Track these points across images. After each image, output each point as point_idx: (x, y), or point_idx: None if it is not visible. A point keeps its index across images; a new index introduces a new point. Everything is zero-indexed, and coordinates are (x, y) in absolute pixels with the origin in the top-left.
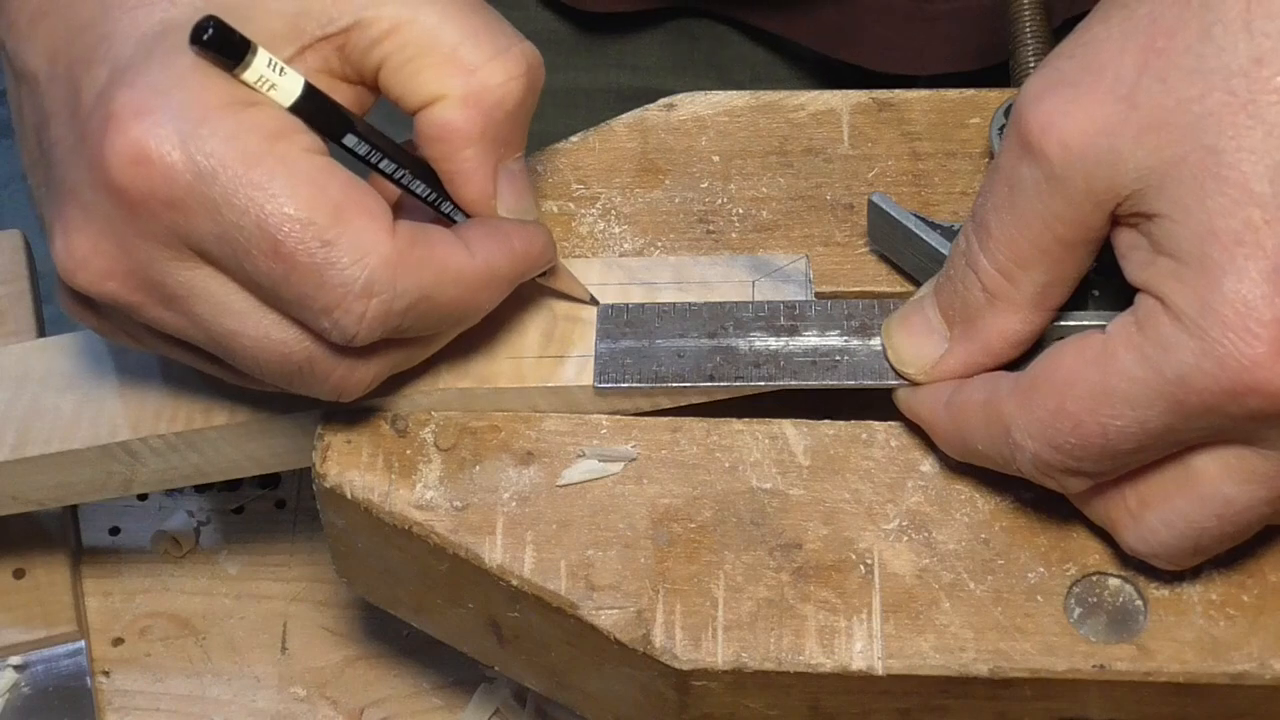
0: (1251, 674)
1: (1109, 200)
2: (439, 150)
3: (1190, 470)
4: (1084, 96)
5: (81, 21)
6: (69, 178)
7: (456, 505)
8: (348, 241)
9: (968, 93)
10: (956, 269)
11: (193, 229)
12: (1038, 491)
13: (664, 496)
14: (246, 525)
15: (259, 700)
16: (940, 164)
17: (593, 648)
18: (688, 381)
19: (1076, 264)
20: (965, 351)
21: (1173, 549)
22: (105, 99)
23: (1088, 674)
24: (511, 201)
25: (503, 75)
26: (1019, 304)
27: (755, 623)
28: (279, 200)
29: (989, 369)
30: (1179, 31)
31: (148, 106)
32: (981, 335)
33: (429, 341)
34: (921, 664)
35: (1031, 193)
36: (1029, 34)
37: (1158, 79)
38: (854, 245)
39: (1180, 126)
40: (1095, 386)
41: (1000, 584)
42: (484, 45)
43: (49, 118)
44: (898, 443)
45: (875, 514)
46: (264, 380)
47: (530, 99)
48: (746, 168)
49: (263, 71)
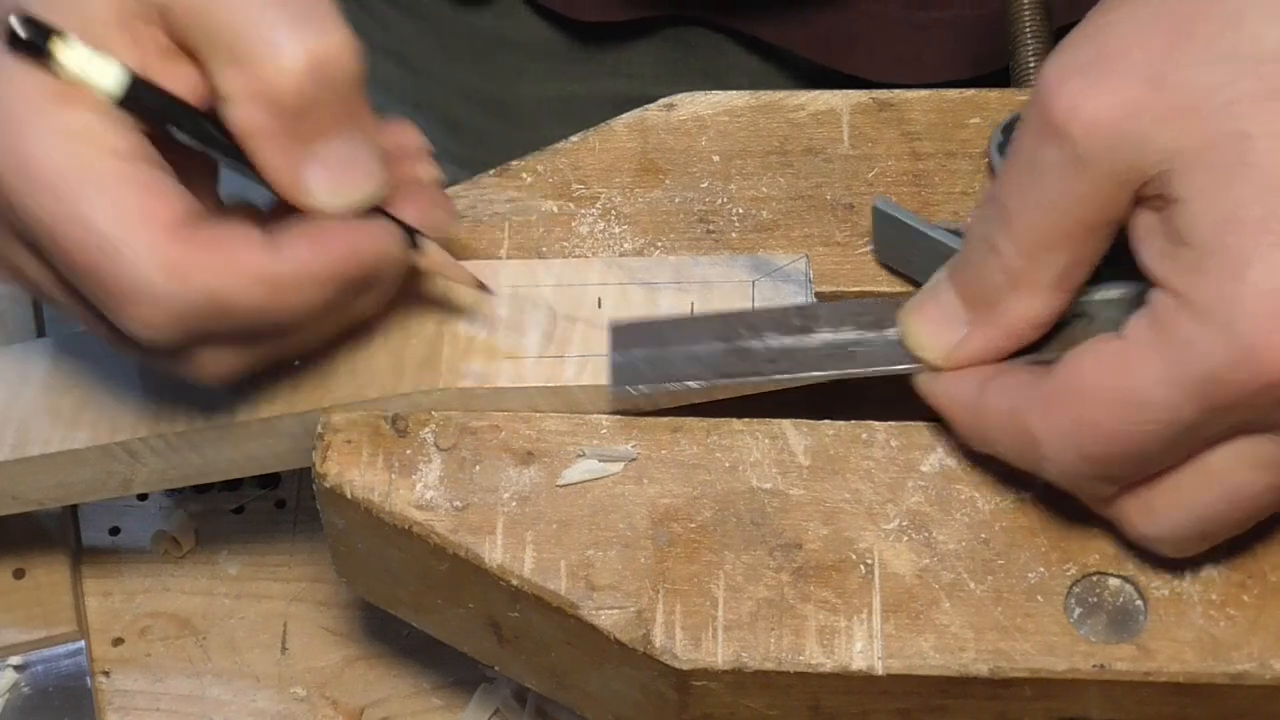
0: (1251, 674)
1: (1133, 181)
2: (243, 146)
3: (1204, 458)
4: (1109, 79)
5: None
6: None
7: (456, 505)
8: (126, 249)
9: (968, 93)
10: (976, 253)
11: (8, 220)
12: (1038, 491)
13: (664, 496)
14: (246, 525)
15: (259, 700)
16: (940, 164)
17: (593, 648)
18: (706, 380)
19: (1098, 245)
20: (986, 335)
21: (1181, 536)
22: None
23: (1088, 674)
24: (326, 193)
25: (278, 69)
26: (1041, 286)
27: (755, 623)
28: (63, 205)
29: (1010, 352)
30: (1208, 17)
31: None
32: (1003, 319)
33: (277, 343)
34: (921, 664)
35: (1055, 175)
36: (1029, 34)
37: (1186, 62)
38: (854, 245)
39: (1208, 111)
40: (1121, 395)
41: (1000, 584)
42: (264, 35)
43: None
44: (898, 443)
45: (875, 514)
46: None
47: (326, 88)
48: (746, 167)
49: (82, 63)
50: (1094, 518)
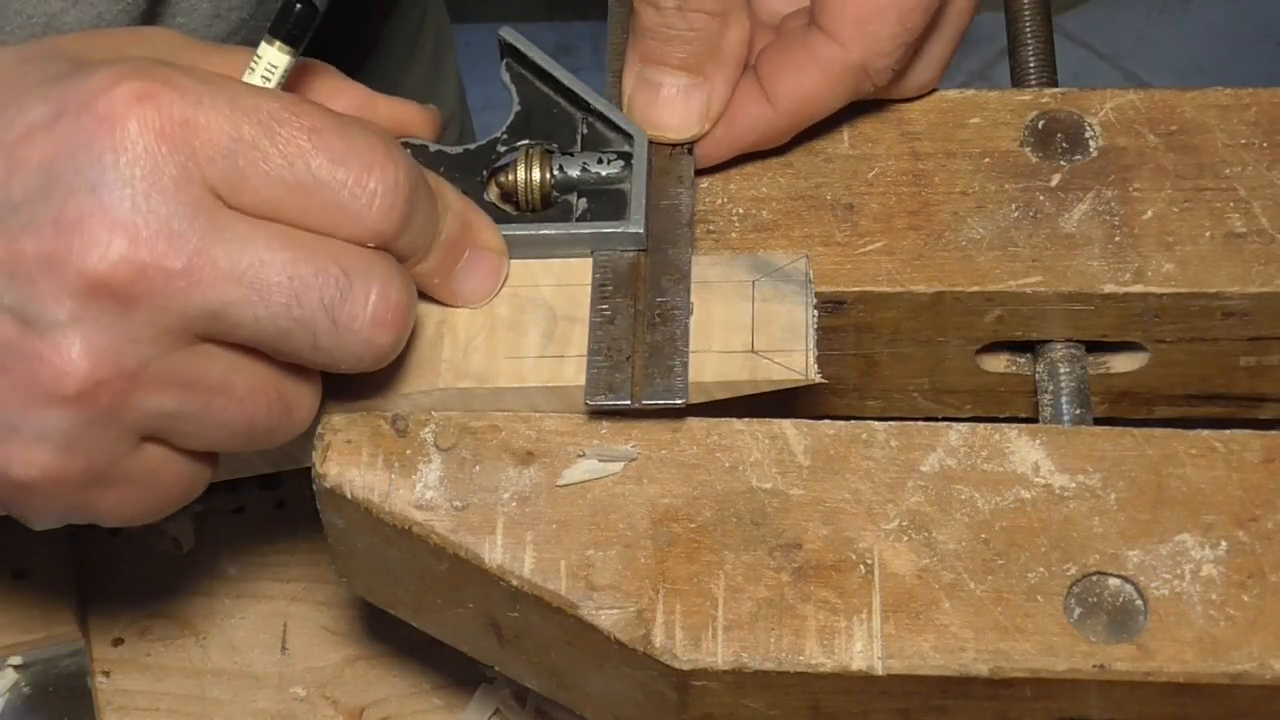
0: (1251, 674)
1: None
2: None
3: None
4: None
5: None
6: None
7: (456, 505)
8: (356, 124)
9: (968, 93)
10: (672, 23)
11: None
12: (1038, 491)
13: (664, 496)
14: (246, 525)
15: (259, 700)
16: (940, 164)
17: (593, 648)
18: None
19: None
20: (726, 79)
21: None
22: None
23: (1088, 674)
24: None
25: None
26: (741, 10)
27: (755, 623)
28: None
29: (737, 81)
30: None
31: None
32: (732, 56)
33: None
34: (921, 664)
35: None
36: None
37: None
38: (854, 245)
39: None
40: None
41: (1000, 584)
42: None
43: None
44: (898, 443)
45: (875, 514)
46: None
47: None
48: (746, 168)
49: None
50: (1094, 518)
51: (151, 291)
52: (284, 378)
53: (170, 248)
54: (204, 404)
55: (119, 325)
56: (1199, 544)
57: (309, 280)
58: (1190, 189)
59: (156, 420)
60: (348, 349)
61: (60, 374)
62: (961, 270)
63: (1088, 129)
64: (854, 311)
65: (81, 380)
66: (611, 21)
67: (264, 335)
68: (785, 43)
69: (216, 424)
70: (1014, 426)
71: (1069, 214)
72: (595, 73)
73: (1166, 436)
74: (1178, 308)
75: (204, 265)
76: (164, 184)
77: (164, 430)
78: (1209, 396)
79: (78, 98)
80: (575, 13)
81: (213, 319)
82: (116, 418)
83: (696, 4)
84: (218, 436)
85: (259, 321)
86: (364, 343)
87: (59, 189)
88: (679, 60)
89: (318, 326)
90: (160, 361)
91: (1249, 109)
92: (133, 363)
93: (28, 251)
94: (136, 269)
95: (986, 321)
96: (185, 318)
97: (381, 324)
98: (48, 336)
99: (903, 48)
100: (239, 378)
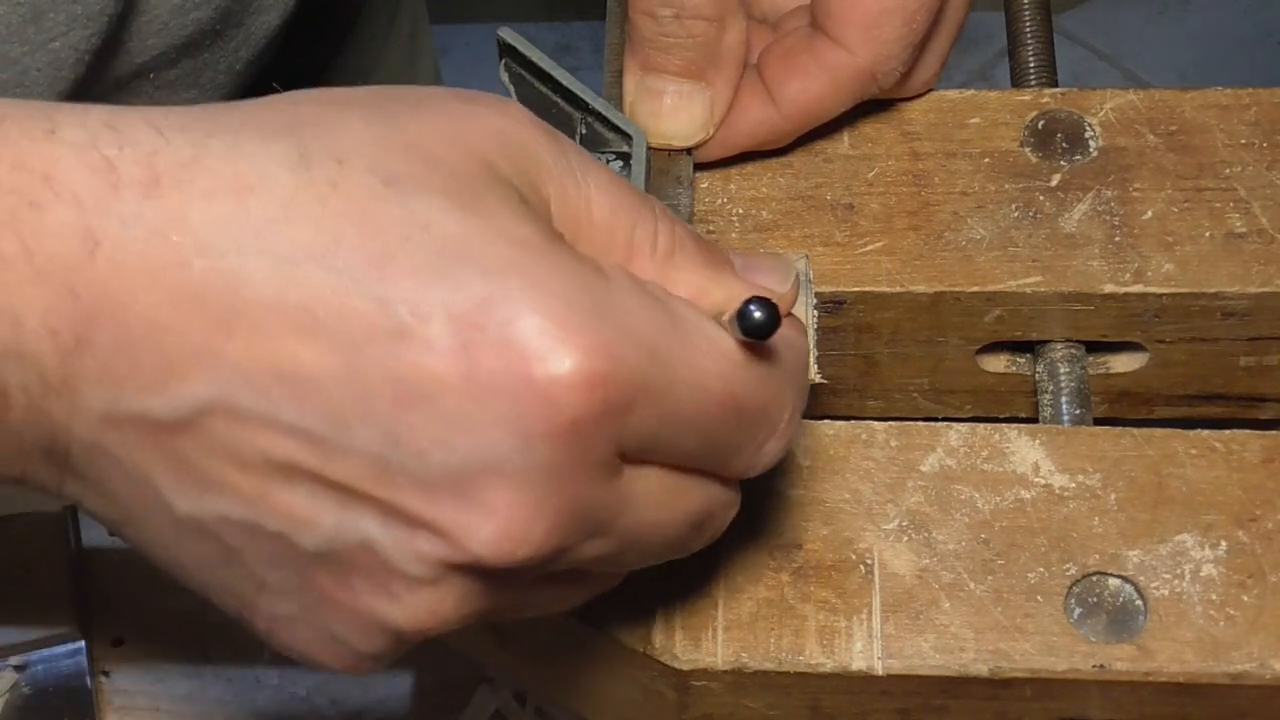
0: (1251, 674)
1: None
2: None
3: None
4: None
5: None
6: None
7: None
8: (774, 381)
9: (968, 93)
10: (670, 31)
11: (633, 427)
12: (1038, 491)
13: None
14: None
15: (259, 700)
16: (940, 164)
17: (592, 648)
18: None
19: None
20: (728, 81)
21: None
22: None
23: (1088, 674)
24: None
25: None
26: (736, 12)
27: (755, 623)
28: (719, 339)
29: (738, 82)
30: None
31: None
32: (732, 59)
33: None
34: (921, 664)
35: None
36: (1029, 34)
37: None
38: (854, 245)
39: None
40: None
41: (1000, 584)
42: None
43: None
44: (898, 443)
45: (875, 514)
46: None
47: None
48: (746, 168)
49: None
50: (1094, 518)
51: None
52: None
53: (581, 535)
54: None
55: (487, 593)
56: (1199, 544)
57: (688, 538)
58: (1190, 189)
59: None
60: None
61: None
62: (961, 270)
63: (1088, 129)
64: (854, 311)
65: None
66: (610, 21)
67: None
68: (789, 46)
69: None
70: (1014, 426)
71: (1069, 214)
72: (595, 73)
73: (1166, 436)
74: (1178, 308)
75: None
76: (586, 469)
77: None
78: (1209, 396)
79: (508, 353)
80: (575, 13)
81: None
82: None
83: (693, 10)
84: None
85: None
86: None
87: (458, 452)
88: (679, 67)
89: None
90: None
91: (1249, 109)
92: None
93: (409, 508)
94: (538, 557)
95: (986, 321)
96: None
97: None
98: (406, 592)
99: (909, 49)
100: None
